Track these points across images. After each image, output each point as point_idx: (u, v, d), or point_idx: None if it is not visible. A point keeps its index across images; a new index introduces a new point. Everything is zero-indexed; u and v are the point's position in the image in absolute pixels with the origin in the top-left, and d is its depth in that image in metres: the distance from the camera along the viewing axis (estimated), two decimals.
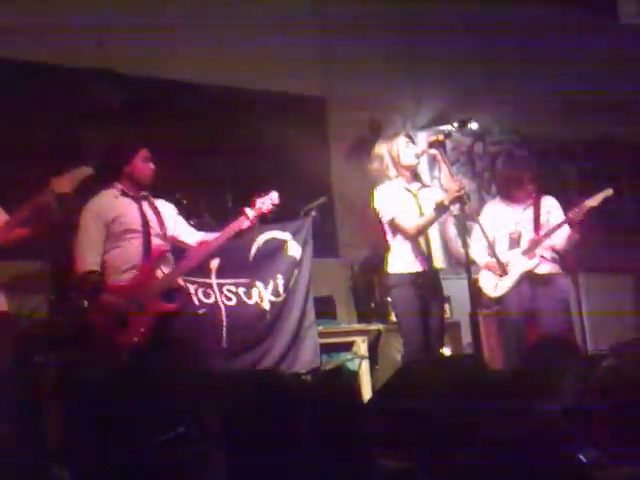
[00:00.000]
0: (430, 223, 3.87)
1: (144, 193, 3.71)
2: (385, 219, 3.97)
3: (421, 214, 3.94)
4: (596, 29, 7.14)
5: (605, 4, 7.06)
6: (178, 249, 3.81)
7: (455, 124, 4.18)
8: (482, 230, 4.19)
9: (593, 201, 4.34)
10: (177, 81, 5.26)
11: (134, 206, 3.64)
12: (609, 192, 4.36)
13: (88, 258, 3.54)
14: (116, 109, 5.06)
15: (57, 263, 4.15)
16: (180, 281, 3.81)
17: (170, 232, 3.72)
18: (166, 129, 4.84)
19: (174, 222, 3.79)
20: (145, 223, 3.60)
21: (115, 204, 3.62)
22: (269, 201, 3.85)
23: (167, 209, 3.81)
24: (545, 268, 4.43)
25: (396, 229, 3.93)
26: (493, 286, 4.46)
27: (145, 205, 3.68)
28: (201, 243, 3.76)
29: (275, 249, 4.54)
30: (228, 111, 5.37)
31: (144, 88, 5.11)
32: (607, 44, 6.95)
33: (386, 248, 4.05)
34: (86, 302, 3.74)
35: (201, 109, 5.27)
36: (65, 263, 4.09)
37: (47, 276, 4.18)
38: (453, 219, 6.32)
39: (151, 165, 3.67)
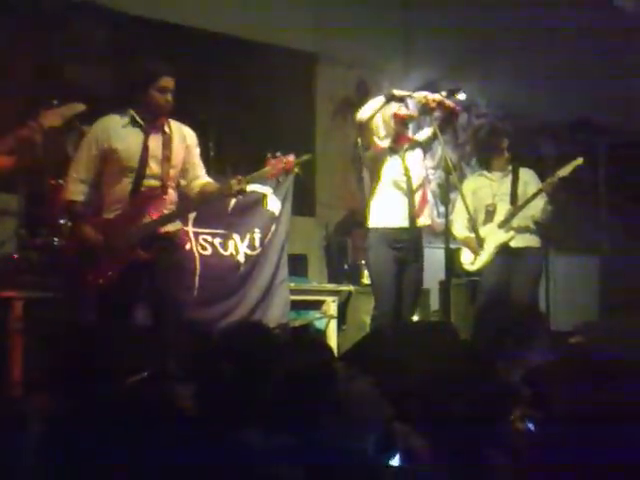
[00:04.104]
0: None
1: (159, 123, 3.40)
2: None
3: (406, 175, 3.93)
4: (588, 11, 7.12)
5: None
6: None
7: (443, 93, 4.13)
8: (464, 203, 4.21)
9: (563, 171, 4.40)
10: (164, 22, 5.13)
11: (139, 138, 3.37)
12: (579, 161, 4.41)
13: (72, 187, 3.40)
14: (100, 45, 4.92)
15: (31, 198, 4.04)
16: (170, 227, 3.48)
17: (177, 170, 3.44)
18: None
19: (186, 160, 3.48)
20: (144, 160, 3.35)
21: (119, 134, 3.37)
22: (282, 165, 3.50)
23: (182, 142, 3.47)
24: (521, 241, 4.48)
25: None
26: (471, 260, 4.51)
27: (154, 138, 3.39)
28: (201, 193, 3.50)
29: (254, 203, 4.49)
30: (216, 57, 5.25)
31: (130, 25, 4.97)
32: (597, 26, 6.94)
33: (366, 203, 4.00)
34: (59, 236, 3.65)
35: (187, 52, 5.14)
36: (40, 198, 4.01)
37: (17, 210, 4.08)
38: (435, 188, 6.30)
39: (169, 97, 3.35)
